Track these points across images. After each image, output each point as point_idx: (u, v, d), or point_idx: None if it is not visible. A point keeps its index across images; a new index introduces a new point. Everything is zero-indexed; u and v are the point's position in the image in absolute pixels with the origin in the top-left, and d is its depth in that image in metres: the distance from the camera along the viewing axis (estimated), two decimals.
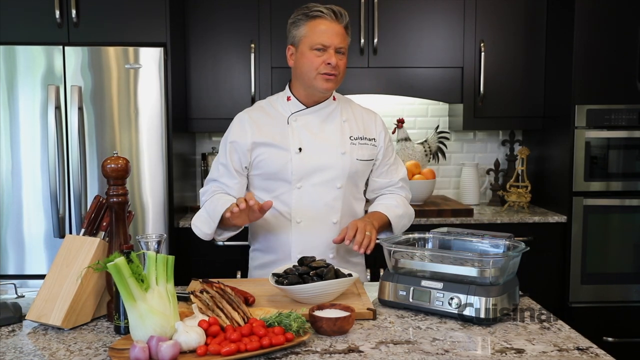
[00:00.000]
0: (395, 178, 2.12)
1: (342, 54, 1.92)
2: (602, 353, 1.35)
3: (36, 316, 1.53)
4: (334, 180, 1.98)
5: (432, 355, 1.33)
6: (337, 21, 1.90)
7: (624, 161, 3.11)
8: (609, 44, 3.04)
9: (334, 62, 1.89)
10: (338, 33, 1.90)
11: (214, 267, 3.00)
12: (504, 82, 3.31)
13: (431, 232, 1.82)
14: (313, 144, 1.97)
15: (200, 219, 1.99)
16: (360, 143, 2.02)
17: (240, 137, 1.99)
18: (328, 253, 2.00)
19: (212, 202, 1.96)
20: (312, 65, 1.91)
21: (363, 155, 2.02)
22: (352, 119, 2.05)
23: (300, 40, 1.93)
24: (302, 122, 1.99)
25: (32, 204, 2.84)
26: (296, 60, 1.97)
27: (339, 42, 1.90)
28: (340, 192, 1.99)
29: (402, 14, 3.25)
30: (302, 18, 1.94)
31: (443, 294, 1.55)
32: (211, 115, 3.26)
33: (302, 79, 1.97)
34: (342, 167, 1.98)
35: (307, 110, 2.00)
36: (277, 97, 2.07)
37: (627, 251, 3.12)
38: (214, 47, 3.23)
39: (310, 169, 1.96)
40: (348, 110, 2.07)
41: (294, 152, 1.95)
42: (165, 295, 1.35)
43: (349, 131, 2.02)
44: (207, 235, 1.98)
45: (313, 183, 1.97)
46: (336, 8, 1.91)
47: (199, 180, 3.58)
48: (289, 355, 1.33)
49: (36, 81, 2.81)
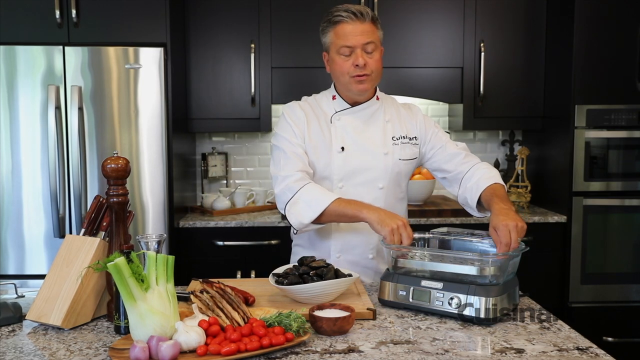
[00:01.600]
0: (456, 149, 2.07)
1: (370, 52, 1.89)
2: (602, 353, 1.35)
3: (36, 316, 1.53)
4: (375, 180, 1.97)
5: (432, 355, 1.34)
6: (359, 20, 1.88)
7: (623, 161, 3.11)
8: (609, 44, 3.04)
9: (361, 62, 1.87)
10: (363, 31, 1.87)
11: (214, 267, 3.00)
12: (504, 82, 3.31)
13: (431, 232, 1.82)
14: (356, 144, 1.96)
15: (297, 207, 1.86)
16: (402, 142, 2.00)
17: (299, 124, 1.96)
18: (368, 253, 1.99)
19: (308, 191, 1.85)
20: (342, 70, 1.90)
21: (405, 154, 2.00)
22: (395, 119, 2.03)
23: (329, 46, 1.94)
24: (346, 121, 1.98)
25: (32, 204, 2.84)
26: (330, 66, 1.98)
27: (363, 40, 1.87)
28: (382, 192, 1.97)
29: (402, 14, 3.25)
30: (327, 25, 1.94)
31: (443, 294, 1.55)
32: (211, 115, 3.26)
33: (339, 84, 1.98)
34: (385, 168, 1.96)
35: (350, 110, 1.98)
36: (322, 95, 2.05)
37: (626, 251, 3.12)
38: (214, 47, 3.23)
39: (353, 169, 1.95)
40: (391, 110, 2.05)
41: (336, 151, 1.95)
42: (165, 295, 1.35)
43: (391, 131, 2.00)
44: (304, 225, 1.86)
45: (355, 183, 1.96)
46: (356, 7, 1.89)
47: (199, 180, 3.59)
48: (289, 355, 1.33)
49: (36, 81, 2.81)
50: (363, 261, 1.99)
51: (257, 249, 3.02)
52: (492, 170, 1.97)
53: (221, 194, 3.37)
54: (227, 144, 3.62)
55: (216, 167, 3.55)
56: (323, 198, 1.82)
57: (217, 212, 3.20)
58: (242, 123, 3.29)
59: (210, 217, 3.15)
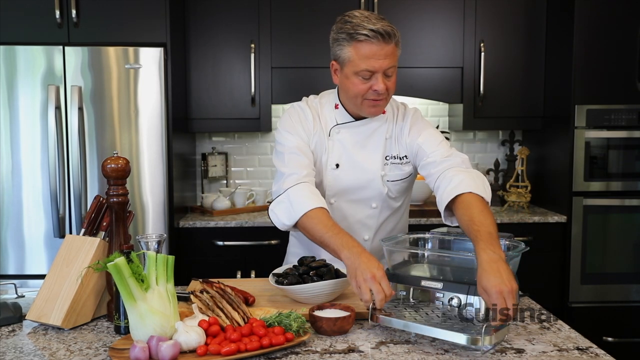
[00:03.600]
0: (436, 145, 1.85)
1: (389, 76, 1.75)
2: (602, 353, 1.35)
3: (36, 316, 1.53)
4: (369, 200, 1.89)
5: (432, 355, 1.34)
6: (384, 42, 1.70)
7: (623, 161, 3.11)
8: (609, 44, 3.04)
9: (381, 88, 1.72)
10: (387, 55, 1.71)
11: (214, 267, 3.00)
12: (504, 82, 3.31)
13: (431, 232, 1.82)
14: (352, 161, 1.86)
15: (281, 207, 1.75)
16: (392, 163, 1.88)
17: (306, 124, 1.86)
18: None
19: (297, 190, 1.73)
20: (357, 91, 1.75)
21: (395, 175, 1.89)
22: (393, 136, 1.90)
23: (345, 63, 1.75)
24: (345, 135, 1.86)
25: (32, 204, 2.84)
26: (341, 81, 1.80)
27: (387, 65, 1.71)
28: (376, 211, 1.91)
29: (402, 14, 3.25)
30: (346, 38, 1.73)
31: (443, 294, 1.55)
32: (211, 115, 3.26)
33: (347, 100, 1.84)
34: (379, 189, 1.87)
35: (352, 124, 1.86)
36: (325, 101, 1.91)
37: (626, 251, 3.12)
38: (214, 47, 3.23)
39: (346, 187, 1.87)
40: (392, 124, 1.90)
41: (330, 167, 1.86)
42: (165, 295, 1.35)
43: (388, 149, 1.89)
44: (285, 226, 1.76)
45: (347, 200, 1.89)
46: (383, 27, 1.69)
47: (199, 180, 3.59)
48: (289, 355, 1.33)
49: (36, 81, 2.81)
50: None
51: (257, 249, 3.02)
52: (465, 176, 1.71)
53: (221, 194, 3.37)
54: (227, 144, 3.62)
55: (216, 167, 3.55)
56: (308, 202, 1.69)
57: (217, 212, 3.20)
58: (242, 123, 3.29)
59: (210, 217, 3.15)
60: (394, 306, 1.53)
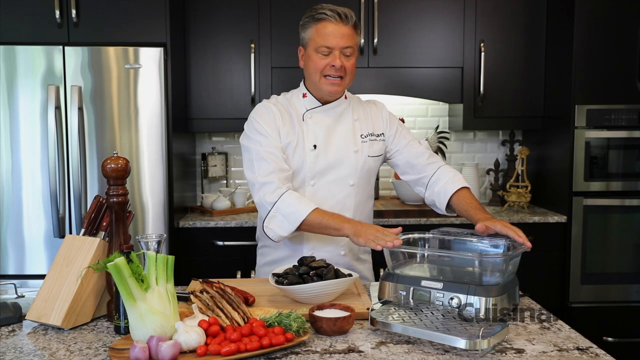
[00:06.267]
0: (420, 147, 2.11)
1: (348, 56, 1.93)
2: (602, 353, 1.35)
3: (36, 316, 1.53)
4: (347, 177, 2.01)
5: (432, 355, 1.34)
6: (342, 22, 1.90)
7: (624, 161, 3.11)
8: (609, 44, 3.04)
9: (338, 64, 1.90)
10: (344, 34, 1.90)
11: (214, 267, 3.00)
12: (504, 82, 3.31)
13: (431, 232, 1.82)
14: (327, 141, 1.99)
15: (275, 221, 1.88)
16: (370, 140, 2.05)
17: (274, 121, 1.96)
18: (340, 250, 2.02)
19: (286, 203, 1.85)
20: (317, 67, 1.92)
21: (373, 151, 2.05)
22: (362, 117, 2.08)
23: (308, 42, 1.95)
24: (317, 119, 2.01)
25: (32, 204, 2.84)
26: (305, 62, 2.00)
27: (344, 43, 1.90)
28: (353, 189, 2.02)
29: (402, 14, 3.25)
30: (309, 20, 1.94)
31: (443, 294, 1.55)
32: (211, 115, 3.26)
33: (310, 82, 2.00)
34: (355, 165, 2.01)
35: (321, 108, 2.01)
36: (292, 94, 2.07)
37: (627, 251, 3.12)
38: (214, 47, 3.23)
39: (324, 167, 1.98)
40: (359, 108, 2.09)
41: (308, 149, 1.97)
42: (165, 295, 1.35)
43: (359, 129, 2.05)
44: (283, 237, 1.90)
45: (327, 181, 1.99)
46: (341, 10, 1.91)
47: (199, 180, 3.59)
48: (289, 355, 1.33)
49: (36, 81, 2.81)
50: (335, 258, 2.00)
51: None
52: (457, 174, 2.04)
53: (221, 194, 3.37)
54: (227, 144, 3.62)
55: (216, 167, 3.55)
56: (300, 209, 1.83)
57: (217, 212, 3.20)
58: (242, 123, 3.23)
59: (210, 217, 3.15)
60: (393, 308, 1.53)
